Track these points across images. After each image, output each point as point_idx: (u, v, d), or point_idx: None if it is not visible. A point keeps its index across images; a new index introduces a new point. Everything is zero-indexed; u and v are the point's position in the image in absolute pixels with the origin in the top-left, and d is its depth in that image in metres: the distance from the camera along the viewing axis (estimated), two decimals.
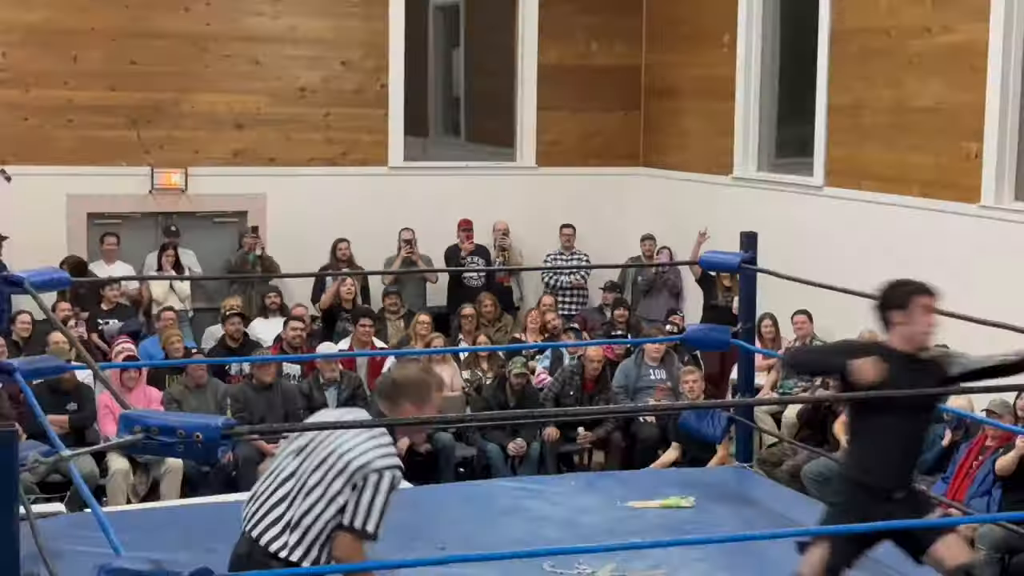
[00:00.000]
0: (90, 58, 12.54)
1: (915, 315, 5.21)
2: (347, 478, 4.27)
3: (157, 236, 12.81)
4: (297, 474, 4.36)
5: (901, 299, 5.24)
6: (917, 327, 5.22)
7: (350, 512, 4.26)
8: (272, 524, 4.34)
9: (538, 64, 13.99)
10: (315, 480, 4.30)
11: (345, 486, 4.27)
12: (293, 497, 4.33)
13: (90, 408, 9.72)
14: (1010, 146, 9.90)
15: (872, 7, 11.02)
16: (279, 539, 4.31)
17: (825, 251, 11.09)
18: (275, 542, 4.31)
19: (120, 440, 3.69)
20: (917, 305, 5.21)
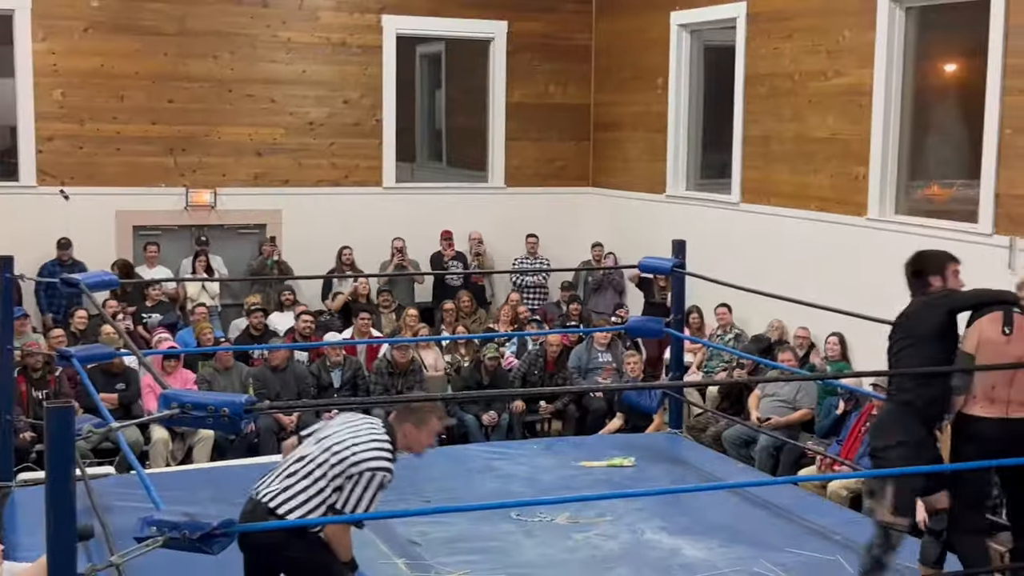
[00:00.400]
0: (135, 97, 12.50)
1: (949, 279, 5.03)
2: (345, 468, 4.26)
3: (191, 244, 12.76)
4: (308, 456, 4.34)
5: (939, 265, 5.03)
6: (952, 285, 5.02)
7: (343, 499, 4.25)
8: (277, 490, 4.32)
9: (506, 103, 13.98)
10: (320, 462, 4.29)
11: (342, 474, 4.25)
12: (300, 474, 4.31)
13: (135, 388, 9.68)
14: (890, 169, 9.95)
15: (779, 56, 11.06)
16: (279, 500, 4.28)
17: (741, 256, 11.13)
18: (275, 501, 4.29)
19: (160, 414, 3.69)
20: (951, 270, 5.04)
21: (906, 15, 9.77)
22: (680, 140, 12.70)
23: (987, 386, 4.83)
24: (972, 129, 9.22)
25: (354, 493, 4.24)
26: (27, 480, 6.41)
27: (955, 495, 4.98)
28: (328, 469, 4.27)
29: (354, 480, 4.24)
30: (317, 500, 4.27)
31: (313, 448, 4.37)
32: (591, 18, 14.16)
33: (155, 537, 3.52)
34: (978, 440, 4.87)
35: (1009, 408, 4.84)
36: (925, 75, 10.00)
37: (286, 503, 4.28)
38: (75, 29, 12.25)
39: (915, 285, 5.07)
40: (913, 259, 5.12)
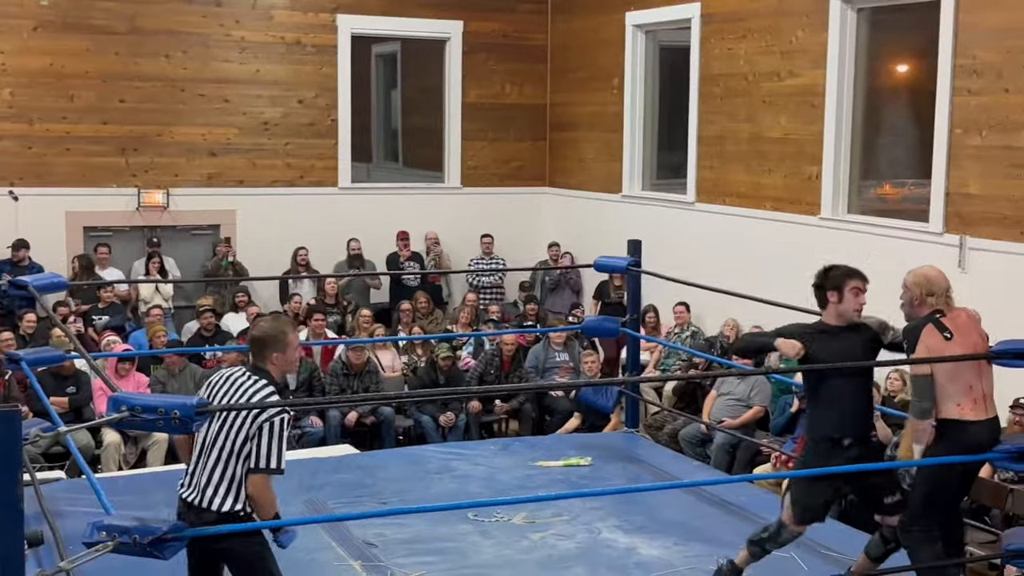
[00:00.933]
0: (85, 97, 12.36)
1: (847, 297, 4.99)
2: (245, 432, 4.21)
3: (143, 246, 12.63)
4: (207, 443, 4.29)
5: (836, 282, 5.00)
6: (848, 306, 5.01)
7: (254, 457, 4.20)
8: (197, 487, 4.27)
9: (462, 103, 13.97)
10: (222, 443, 4.24)
11: (246, 439, 4.21)
12: (210, 463, 4.26)
13: (86, 391, 9.57)
14: (843, 169, 10.05)
15: (733, 57, 11.13)
16: (206, 496, 4.23)
17: (697, 255, 11.20)
18: (202, 498, 4.24)
19: (110, 418, 3.64)
20: (849, 288, 4.99)
21: (858, 16, 9.87)
22: (636, 140, 12.75)
23: (966, 387, 4.82)
24: (923, 129, 9.34)
25: (262, 447, 4.19)
26: None
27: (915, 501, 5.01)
28: (231, 445, 4.22)
29: (257, 437, 4.20)
30: (237, 478, 4.23)
31: (208, 432, 4.30)
32: (547, 18, 14.18)
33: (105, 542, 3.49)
34: (969, 447, 4.84)
35: (986, 406, 4.88)
36: (877, 75, 10.10)
37: (213, 496, 4.23)
38: (24, 28, 12.09)
39: (818, 299, 5.09)
40: (818, 273, 5.13)
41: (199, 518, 4.21)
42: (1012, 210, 8.41)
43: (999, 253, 8.47)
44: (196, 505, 4.25)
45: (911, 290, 5.02)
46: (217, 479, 4.22)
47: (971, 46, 8.65)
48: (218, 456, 4.23)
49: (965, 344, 4.89)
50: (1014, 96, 8.35)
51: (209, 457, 4.26)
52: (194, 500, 4.27)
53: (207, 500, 4.23)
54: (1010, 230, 8.42)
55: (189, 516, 4.26)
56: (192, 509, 4.26)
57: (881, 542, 5.17)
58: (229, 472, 4.22)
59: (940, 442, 4.87)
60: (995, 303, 8.18)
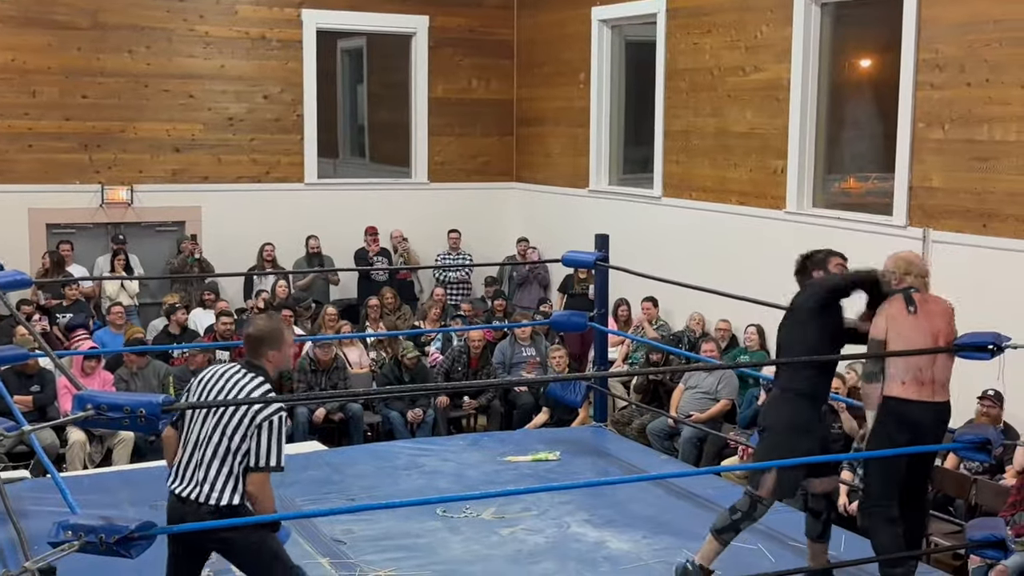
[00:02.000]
0: (48, 93, 12.25)
1: (831, 271, 5.20)
2: (243, 431, 4.22)
3: (106, 243, 12.54)
4: (203, 440, 4.29)
5: (820, 262, 5.20)
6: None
7: (254, 455, 4.21)
8: (193, 483, 4.28)
9: (428, 98, 13.96)
10: (218, 440, 4.24)
11: (245, 437, 4.22)
12: (206, 459, 4.26)
13: (51, 389, 9.48)
14: (808, 163, 10.12)
15: (698, 52, 11.18)
16: (203, 491, 4.24)
17: (664, 250, 11.24)
18: (197, 493, 4.25)
19: (75, 416, 3.61)
20: (832, 265, 5.20)
21: (822, 11, 9.94)
22: (602, 135, 12.78)
23: (915, 367, 4.91)
24: (886, 123, 9.41)
25: (262, 445, 4.21)
26: None
27: (870, 481, 5.07)
28: (228, 442, 4.23)
29: (255, 435, 4.21)
30: (235, 473, 4.24)
31: (203, 429, 4.31)
32: (513, 13, 14.18)
33: (71, 541, 3.46)
34: (910, 424, 4.93)
35: (934, 389, 4.95)
36: (841, 70, 10.18)
37: (211, 491, 4.24)
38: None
39: (801, 282, 5.26)
40: (799, 259, 5.31)
41: (195, 512, 4.22)
42: (974, 203, 8.50)
43: (962, 246, 8.55)
44: (192, 499, 4.24)
45: (891, 270, 5.13)
46: (214, 474, 4.23)
47: (933, 40, 8.73)
48: (214, 452, 4.23)
49: (926, 326, 4.98)
50: (976, 90, 8.43)
51: (205, 453, 4.26)
52: (190, 494, 4.26)
53: (204, 495, 4.23)
54: (972, 223, 8.51)
55: (183, 509, 4.26)
56: (186, 503, 4.26)
57: (814, 518, 5.22)
58: (226, 468, 4.23)
59: (883, 418, 4.98)
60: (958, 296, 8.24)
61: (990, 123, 8.35)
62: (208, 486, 4.24)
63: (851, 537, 5.91)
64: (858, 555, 5.39)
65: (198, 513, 4.22)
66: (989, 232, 8.39)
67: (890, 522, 4.99)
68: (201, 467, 4.27)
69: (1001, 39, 8.23)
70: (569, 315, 8.54)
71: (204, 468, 4.26)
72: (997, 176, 8.33)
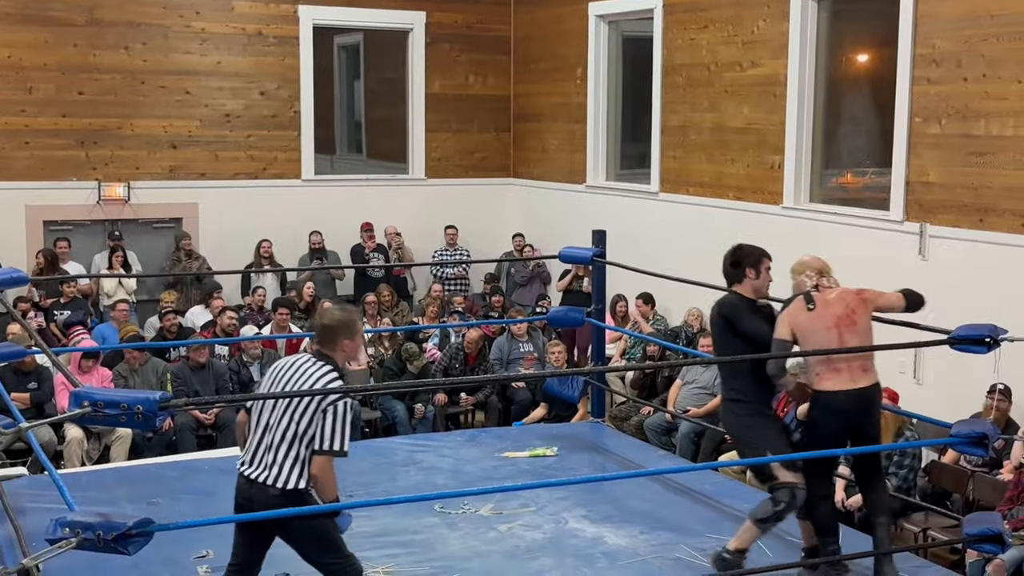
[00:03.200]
0: (44, 89, 12.24)
1: (763, 274, 5.40)
2: (311, 415, 4.32)
3: (103, 239, 12.53)
4: (272, 425, 4.40)
5: (755, 261, 5.39)
6: (763, 282, 5.42)
7: (319, 439, 4.32)
8: (262, 467, 4.38)
9: (425, 94, 13.95)
10: (285, 425, 4.35)
11: (310, 423, 4.32)
12: (275, 443, 4.37)
13: (48, 386, 9.48)
14: (805, 158, 10.12)
15: (695, 47, 11.17)
16: (269, 476, 4.34)
17: (661, 245, 11.24)
18: (268, 478, 4.35)
19: (71, 413, 3.61)
20: (764, 266, 5.40)
21: (818, 6, 9.94)
22: (599, 130, 12.78)
23: (826, 359, 5.12)
24: (883, 118, 9.41)
25: (326, 430, 4.31)
26: None
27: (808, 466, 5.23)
28: (296, 427, 4.34)
29: (320, 420, 4.31)
30: (302, 458, 4.34)
31: (272, 415, 4.42)
32: (510, 8, 14.17)
33: (68, 538, 3.46)
34: (835, 413, 5.13)
35: (852, 375, 5.10)
36: (837, 65, 10.18)
37: (279, 474, 4.34)
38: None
39: (731, 275, 5.45)
40: (732, 251, 5.50)
41: (263, 494, 4.33)
42: (971, 198, 8.50)
43: (959, 240, 8.56)
44: (260, 482, 4.35)
45: (792, 278, 5.46)
46: (282, 458, 4.33)
47: (930, 36, 8.73)
48: (282, 437, 4.34)
49: (826, 316, 5.17)
50: (973, 85, 8.44)
51: (274, 438, 4.36)
52: (258, 477, 4.37)
53: (272, 478, 4.33)
54: (969, 217, 8.52)
55: (251, 492, 4.38)
56: (255, 486, 4.37)
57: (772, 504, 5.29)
58: (293, 453, 4.32)
59: (812, 410, 5.27)
60: (955, 289, 8.30)
61: (987, 118, 8.36)
62: (276, 469, 4.34)
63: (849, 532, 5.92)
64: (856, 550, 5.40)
65: (266, 496, 4.33)
66: (986, 227, 8.39)
67: (825, 498, 5.32)
68: (270, 451, 4.37)
69: (998, 34, 8.23)
70: (566, 311, 8.54)
71: (272, 452, 4.36)
72: (994, 171, 8.33)
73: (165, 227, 13.01)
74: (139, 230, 12.80)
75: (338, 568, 4.46)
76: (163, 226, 13.00)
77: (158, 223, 12.97)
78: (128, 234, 12.55)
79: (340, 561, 4.46)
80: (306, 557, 4.50)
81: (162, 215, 12.94)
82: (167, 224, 13.02)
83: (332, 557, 4.45)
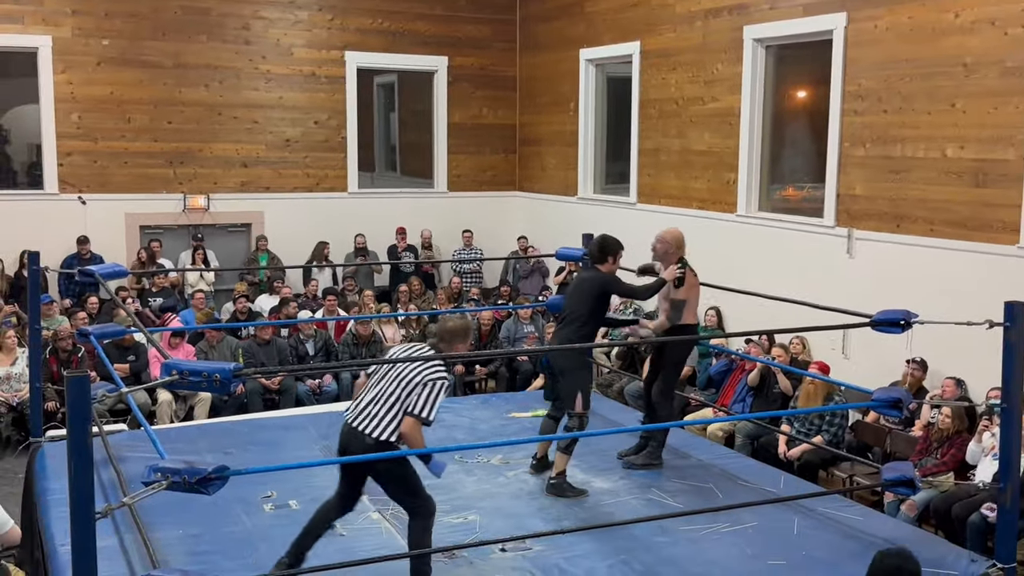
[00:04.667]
0: (139, 119, 12.26)
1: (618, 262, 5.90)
2: (414, 384, 4.33)
3: (188, 240, 12.56)
4: (383, 387, 4.41)
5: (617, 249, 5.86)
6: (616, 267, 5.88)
7: (414, 404, 4.30)
8: (365, 419, 4.37)
9: (448, 123, 13.94)
10: (392, 388, 4.37)
11: (411, 392, 4.32)
12: (380, 401, 4.37)
13: (144, 359, 9.51)
14: (754, 175, 10.09)
15: (666, 85, 11.14)
16: (370, 425, 4.33)
17: (638, 246, 11.18)
18: (367, 428, 4.34)
19: (163, 380, 3.62)
20: (620, 256, 5.90)
21: (766, 52, 9.90)
22: (588, 153, 12.75)
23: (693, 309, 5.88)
24: (818, 142, 9.38)
25: (422, 398, 4.30)
26: (54, 436, 6.26)
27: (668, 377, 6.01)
28: (400, 391, 4.34)
29: (419, 389, 4.31)
30: (397, 418, 4.33)
31: (383, 381, 4.43)
32: (516, 54, 14.14)
33: (160, 481, 3.47)
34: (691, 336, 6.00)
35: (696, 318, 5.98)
36: (782, 99, 10.14)
37: (377, 426, 4.33)
38: (89, 63, 11.96)
39: (598, 257, 5.83)
40: (602, 239, 5.88)
41: (360, 441, 4.33)
42: (890, 207, 8.48)
43: (880, 243, 8.54)
44: (360, 431, 4.35)
45: (670, 244, 5.96)
46: (383, 414, 4.33)
47: (857, 76, 8.70)
48: (387, 397, 4.35)
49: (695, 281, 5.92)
50: (892, 116, 8.40)
51: (382, 398, 4.36)
52: (358, 426, 4.37)
53: (371, 428, 4.33)
54: (888, 224, 8.50)
55: (350, 437, 4.39)
56: (354, 432, 4.38)
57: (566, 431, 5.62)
58: (392, 412, 4.33)
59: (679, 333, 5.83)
60: (877, 282, 8.29)
61: (903, 143, 8.32)
62: (376, 422, 4.33)
63: (789, 478, 5.92)
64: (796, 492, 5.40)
65: (362, 442, 4.32)
66: (902, 231, 8.37)
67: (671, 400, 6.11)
68: (376, 406, 4.37)
69: (912, 75, 8.19)
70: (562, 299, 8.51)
71: (376, 406, 4.37)
72: (909, 185, 8.31)
73: (237, 231, 13.03)
74: (216, 233, 12.82)
75: (416, 507, 4.44)
76: (236, 230, 13.03)
77: (232, 227, 12.99)
78: (208, 236, 12.57)
79: (418, 501, 4.43)
80: (392, 496, 4.49)
81: (235, 221, 12.96)
82: (239, 228, 13.04)
83: (412, 498, 4.43)
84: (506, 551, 4.80)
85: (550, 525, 5.14)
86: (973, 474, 6.62)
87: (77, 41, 11.86)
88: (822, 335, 8.40)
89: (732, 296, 7.21)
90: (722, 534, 4.98)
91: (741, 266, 9.62)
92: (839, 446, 7.55)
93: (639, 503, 5.47)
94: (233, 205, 12.77)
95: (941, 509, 6.50)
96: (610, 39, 12.04)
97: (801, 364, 8.32)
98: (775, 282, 8.25)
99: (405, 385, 4.34)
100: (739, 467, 5.94)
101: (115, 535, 4.71)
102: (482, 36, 13.91)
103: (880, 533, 5.03)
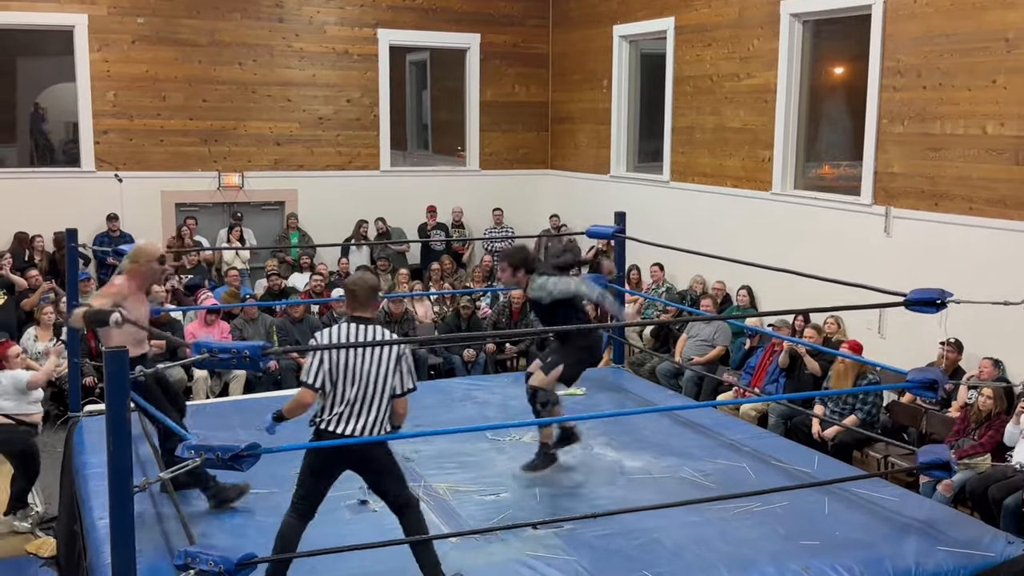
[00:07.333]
0: (175, 97, 12.33)
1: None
2: (393, 366, 4.20)
3: (223, 218, 12.65)
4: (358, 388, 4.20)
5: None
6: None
7: (400, 384, 4.21)
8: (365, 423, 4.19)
9: (480, 101, 13.88)
10: (372, 382, 4.18)
11: (394, 374, 4.20)
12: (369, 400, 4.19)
13: (179, 335, 9.58)
14: (790, 153, 9.98)
15: (700, 61, 11.01)
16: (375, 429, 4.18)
17: (671, 224, 11.14)
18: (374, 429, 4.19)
19: (194, 358, 3.64)
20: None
21: (803, 27, 9.74)
22: (621, 130, 12.65)
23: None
24: (856, 119, 9.24)
25: (404, 374, 4.24)
26: (92, 411, 6.34)
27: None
28: (386, 382, 4.20)
29: (397, 365, 4.22)
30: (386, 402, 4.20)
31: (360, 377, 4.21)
32: (548, 31, 14.03)
33: (194, 458, 3.50)
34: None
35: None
36: (818, 76, 9.99)
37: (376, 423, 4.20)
38: (125, 41, 12.03)
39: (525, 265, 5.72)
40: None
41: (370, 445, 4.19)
42: (928, 185, 8.33)
43: (917, 221, 8.41)
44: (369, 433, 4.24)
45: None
46: (381, 411, 4.21)
47: (896, 51, 8.53)
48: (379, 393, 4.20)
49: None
50: (930, 92, 8.24)
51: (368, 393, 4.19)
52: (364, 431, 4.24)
53: (378, 430, 4.23)
54: (926, 201, 8.36)
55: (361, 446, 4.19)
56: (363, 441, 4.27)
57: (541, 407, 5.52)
58: (385, 402, 4.22)
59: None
60: (913, 260, 8.16)
61: (942, 120, 8.17)
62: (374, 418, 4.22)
63: (823, 458, 5.86)
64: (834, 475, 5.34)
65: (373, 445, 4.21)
66: (940, 209, 8.23)
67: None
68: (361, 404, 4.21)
69: (952, 50, 8.02)
70: (593, 278, 8.48)
71: (372, 407, 4.21)
72: (947, 163, 8.15)
73: (271, 209, 13.10)
74: (251, 211, 12.89)
75: (408, 498, 4.30)
76: (270, 208, 13.10)
77: (266, 205, 13.06)
78: (243, 214, 12.63)
79: (407, 491, 4.31)
80: (383, 489, 4.30)
81: (269, 199, 13.04)
82: (273, 207, 13.11)
83: (402, 487, 4.29)
84: (537, 528, 4.80)
85: (582, 503, 5.13)
86: (1010, 455, 6.52)
87: (112, 19, 11.94)
88: (858, 315, 8.31)
89: (765, 275, 7.13)
90: (753, 513, 4.94)
91: (775, 245, 9.52)
92: (874, 427, 7.47)
93: (671, 482, 5.45)
94: (267, 183, 12.84)
95: (978, 490, 6.41)
96: (644, 15, 11.90)
97: (834, 344, 8.23)
98: (810, 261, 8.14)
99: (388, 372, 4.17)
100: (772, 447, 5.89)
101: (152, 508, 4.77)
102: (514, 13, 13.81)
103: (915, 514, 4.96)
